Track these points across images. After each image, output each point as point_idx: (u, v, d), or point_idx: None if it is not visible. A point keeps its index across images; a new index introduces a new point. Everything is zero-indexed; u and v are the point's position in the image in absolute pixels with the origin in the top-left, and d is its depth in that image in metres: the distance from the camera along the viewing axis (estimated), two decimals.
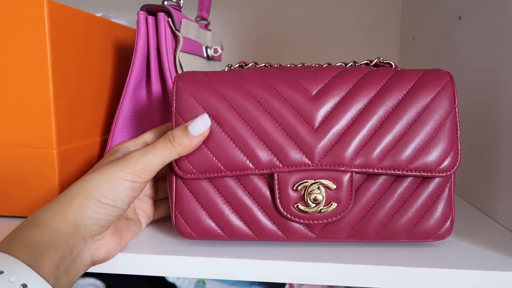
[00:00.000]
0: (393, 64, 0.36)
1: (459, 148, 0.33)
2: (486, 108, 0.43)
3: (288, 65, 0.36)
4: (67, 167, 0.39)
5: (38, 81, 0.36)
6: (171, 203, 0.34)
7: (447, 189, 0.34)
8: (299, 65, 0.36)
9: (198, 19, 0.59)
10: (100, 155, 0.45)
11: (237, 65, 0.37)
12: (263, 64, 0.37)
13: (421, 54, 0.65)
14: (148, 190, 0.38)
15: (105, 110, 0.46)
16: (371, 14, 0.77)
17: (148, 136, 0.35)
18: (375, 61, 0.37)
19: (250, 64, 0.37)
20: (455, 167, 0.33)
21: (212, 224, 0.34)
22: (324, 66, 0.36)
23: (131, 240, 0.34)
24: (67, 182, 0.39)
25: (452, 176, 0.34)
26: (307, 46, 0.80)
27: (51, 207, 0.29)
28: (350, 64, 0.37)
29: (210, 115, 0.33)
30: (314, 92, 0.33)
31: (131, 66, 0.41)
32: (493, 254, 0.33)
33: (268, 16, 0.80)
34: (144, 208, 0.37)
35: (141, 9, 0.41)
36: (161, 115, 0.44)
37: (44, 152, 0.37)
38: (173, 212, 0.34)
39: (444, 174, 0.33)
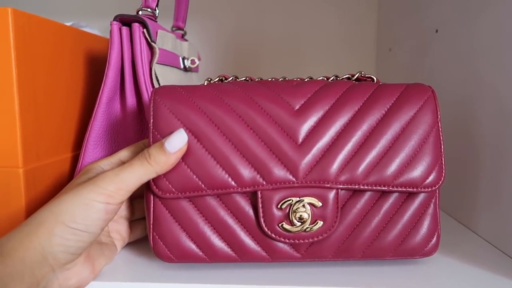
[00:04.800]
0: (374, 78, 0.36)
1: (443, 162, 0.33)
2: (463, 122, 0.43)
3: (269, 79, 0.35)
4: (35, 187, 0.36)
5: (3, 94, 0.34)
6: (149, 224, 0.32)
7: (432, 205, 0.33)
8: (280, 79, 0.35)
9: (174, 29, 0.58)
10: (71, 172, 0.42)
11: (217, 79, 0.36)
12: (243, 78, 0.36)
13: (398, 65, 0.66)
14: (123, 210, 0.35)
15: (76, 125, 0.44)
16: (346, 25, 0.78)
17: (123, 154, 0.33)
18: (356, 75, 0.37)
19: (231, 78, 0.36)
20: (440, 182, 0.32)
21: (193, 246, 0.32)
22: (306, 80, 0.35)
23: (105, 266, 0.32)
24: (34, 204, 0.36)
25: (437, 192, 0.33)
26: (284, 56, 0.79)
27: (16, 234, 0.26)
28: (332, 78, 0.36)
29: (189, 131, 0.31)
30: (297, 107, 0.32)
31: (104, 78, 0.39)
32: (478, 270, 0.33)
33: (246, 26, 0.79)
34: (119, 231, 0.35)
35: (115, 19, 0.39)
36: (137, 130, 0.41)
37: (9, 171, 0.35)
38: (151, 234, 0.32)
39: (429, 190, 0.32)
